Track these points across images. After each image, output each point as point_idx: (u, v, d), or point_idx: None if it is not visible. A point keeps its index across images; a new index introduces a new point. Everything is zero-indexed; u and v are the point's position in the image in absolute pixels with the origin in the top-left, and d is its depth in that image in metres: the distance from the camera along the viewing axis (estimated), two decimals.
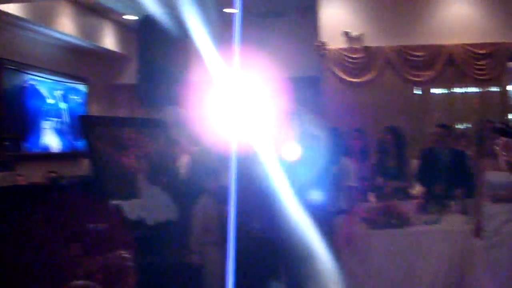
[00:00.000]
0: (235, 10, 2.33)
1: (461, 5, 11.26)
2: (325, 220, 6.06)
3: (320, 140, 6.16)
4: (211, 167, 6.58)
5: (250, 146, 5.10)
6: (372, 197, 7.91)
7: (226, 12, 9.69)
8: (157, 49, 8.45)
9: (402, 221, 6.92)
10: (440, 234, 6.85)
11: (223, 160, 6.09)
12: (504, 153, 6.28)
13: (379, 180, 8.03)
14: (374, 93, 11.27)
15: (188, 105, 7.64)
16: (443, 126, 8.40)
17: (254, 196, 5.34)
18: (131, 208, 6.48)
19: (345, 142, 8.11)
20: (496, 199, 6.32)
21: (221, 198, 6.06)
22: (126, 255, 3.49)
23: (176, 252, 6.63)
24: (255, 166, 5.44)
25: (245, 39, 2.38)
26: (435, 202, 7.45)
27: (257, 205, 5.47)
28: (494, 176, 6.24)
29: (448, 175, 7.83)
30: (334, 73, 11.25)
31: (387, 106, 11.13)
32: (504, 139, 6.39)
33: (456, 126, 11.18)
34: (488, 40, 11.10)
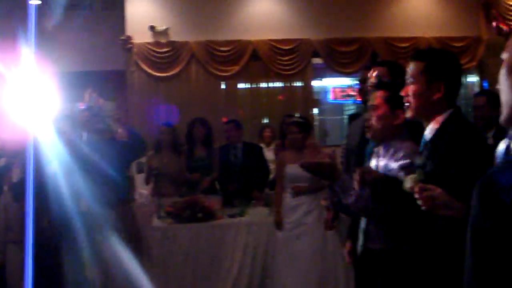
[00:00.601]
0: (37, 1, 2.12)
1: (267, 2, 11.44)
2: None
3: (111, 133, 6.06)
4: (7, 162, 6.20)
5: (42, 140, 4.85)
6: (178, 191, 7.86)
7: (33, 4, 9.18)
8: None
9: (207, 215, 6.89)
10: (244, 226, 6.90)
11: (17, 155, 5.76)
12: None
13: (188, 174, 7.98)
14: (180, 87, 11.17)
15: None
16: (231, 122, 8.51)
17: (47, 192, 5.12)
18: None
19: (156, 136, 8.01)
20: (296, 192, 6.44)
21: (17, 194, 5.74)
22: None
23: None
24: (48, 162, 5.23)
25: (46, 31, 2.15)
26: (239, 195, 7.52)
27: (50, 201, 5.22)
28: (293, 169, 6.32)
29: (244, 169, 7.95)
30: (140, 68, 11.04)
31: (194, 100, 11.07)
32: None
33: (263, 121, 11.38)
34: (293, 37, 11.36)
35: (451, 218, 2.70)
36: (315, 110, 12.20)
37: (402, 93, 3.18)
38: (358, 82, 4.97)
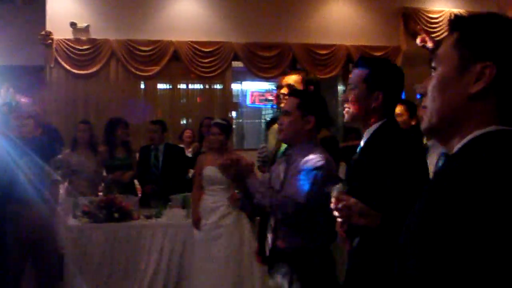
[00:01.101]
0: None
1: (189, 3, 11.47)
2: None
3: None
4: None
5: None
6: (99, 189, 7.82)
7: None
8: None
9: (123, 215, 6.87)
10: (160, 228, 6.92)
11: None
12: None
13: (105, 174, 7.94)
14: (100, 85, 11.09)
15: None
16: (156, 122, 8.50)
17: None
18: None
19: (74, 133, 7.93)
20: (215, 193, 6.50)
21: None
22: None
23: None
24: None
25: None
26: (157, 196, 7.53)
27: None
28: (211, 171, 6.38)
29: (165, 171, 7.98)
30: (59, 64, 10.90)
31: (113, 99, 11.02)
32: None
33: (182, 122, 11.42)
34: (214, 39, 11.44)
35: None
36: (234, 113, 12.31)
37: (341, 97, 3.25)
38: (275, 87, 5.12)
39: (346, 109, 3.18)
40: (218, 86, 11.71)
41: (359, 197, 2.78)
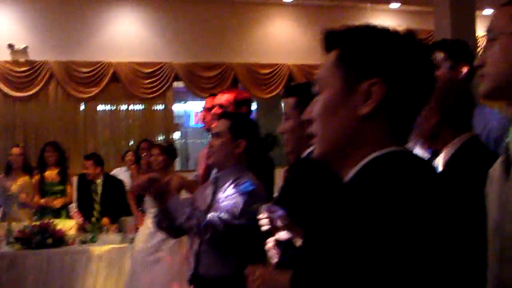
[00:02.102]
0: None
1: (128, 24, 11.42)
2: None
3: None
4: None
5: None
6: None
7: None
8: None
9: (57, 241, 6.73)
10: (96, 253, 6.79)
11: None
12: None
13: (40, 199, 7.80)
14: (39, 108, 10.92)
15: None
16: (90, 158, 8.26)
17: None
18: None
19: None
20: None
21: None
22: None
23: None
24: None
25: None
26: (93, 221, 7.41)
27: None
28: None
29: (104, 202, 7.86)
30: None
31: (51, 122, 10.86)
32: None
33: (123, 144, 11.27)
34: (154, 60, 11.38)
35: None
36: (177, 134, 12.23)
37: (278, 130, 3.16)
38: (202, 108, 5.04)
39: (285, 141, 3.09)
40: (159, 107, 11.63)
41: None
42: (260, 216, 2.76)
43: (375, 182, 1.31)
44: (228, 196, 3.63)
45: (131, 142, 11.30)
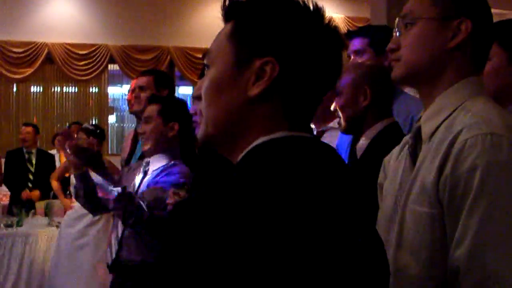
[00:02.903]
0: None
1: (63, 4, 11.23)
2: None
3: None
4: None
5: None
6: None
7: None
8: None
9: None
10: (20, 237, 6.70)
11: None
12: None
13: None
14: None
15: None
16: (30, 125, 8.30)
17: None
18: None
19: None
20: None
21: None
22: None
23: None
24: None
25: None
26: (20, 204, 7.31)
27: None
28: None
29: (36, 175, 7.78)
30: None
31: None
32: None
33: (56, 126, 11.14)
34: (89, 42, 11.25)
35: None
36: (112, 118, 12.13)
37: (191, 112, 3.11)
38: (128, 91, 4.87)
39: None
40: (94, 90, 11.50)
41: None
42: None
43: (245, 172, 1.19)
44: (158, 184, 3.54)
45: (67, 125, 11.16)
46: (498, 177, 1.49)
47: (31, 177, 7.82)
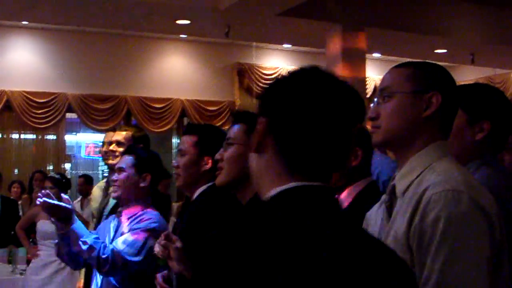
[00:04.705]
0: None
1: (23, 52, 11.34)
2: None
3: None
4: None
5: None
6: None
7: None
8: None
9: None
10: None
11: None
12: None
13: None
14: None
15: None
16: None
17: None
18: None
19: None
20: (49, 248, 6.37)
21: None
22: None
23: None
24: None
25: None
26: None
27: None
28: (45, 225, 6.34)
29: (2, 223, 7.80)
30: None
31: None
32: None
33: (13, 173, 11.13)
34: (48, 90, 11.35)
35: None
36: (68, 165, 12.16)
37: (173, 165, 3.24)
38: (101, 142, 4.99)
39: (176, 175, 3.19)
40: (51, 137, 11.58)
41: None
42: (159, 240, 2.79)
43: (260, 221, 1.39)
44: (131, 231, 3.65)
45: (19, 172, 11.14)
46: (458, 226, 1.77)
47: None
